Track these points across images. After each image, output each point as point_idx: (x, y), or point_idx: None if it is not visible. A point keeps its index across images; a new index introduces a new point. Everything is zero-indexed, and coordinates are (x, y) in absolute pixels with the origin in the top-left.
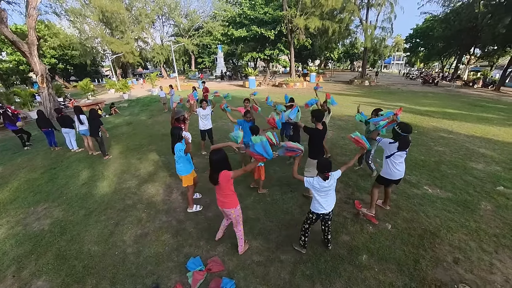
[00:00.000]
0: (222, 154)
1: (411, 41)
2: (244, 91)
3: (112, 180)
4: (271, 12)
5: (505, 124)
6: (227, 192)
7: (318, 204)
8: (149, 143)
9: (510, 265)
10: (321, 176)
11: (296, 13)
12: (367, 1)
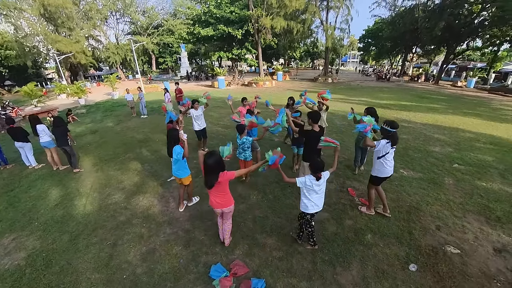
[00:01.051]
0: (217, 156)
1: (364, 41)
2: (214, 92)
3: (93, 197)
4: (237, 11)
5: (448, 112)
6: (226, 192)
7: (310, 202)
8: (125, 151)
9: (476, 224)
10: (313, 175)
11: (262, 13)
12: (326, 4)
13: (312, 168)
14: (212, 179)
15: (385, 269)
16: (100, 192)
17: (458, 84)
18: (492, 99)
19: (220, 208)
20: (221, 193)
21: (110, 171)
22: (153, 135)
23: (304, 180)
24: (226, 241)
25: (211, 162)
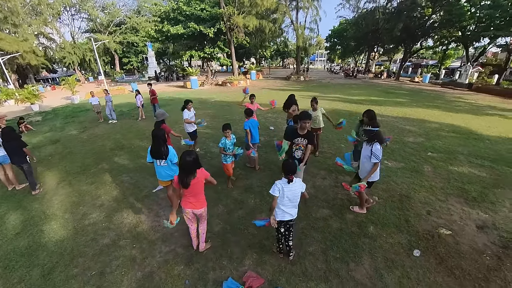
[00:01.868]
0: (194, 154)
1: (330, 40)
2: (187, 92)
3: (64, 219)
4: (208, 9)
5: (413, 106)
6: (201, 191)
7: (281, 210)
8: (96, 162)
9: (458, 206)
10: (285, 177)
11: (234, 11)
12: (296, 4)
13: (284, 169)
14: (190, 177)
15: (393, 258)
16: (73, 213)
17: (416, 79)
18: (445, 92)
19: (192, 208)
20: (196, 193)
21: (81, 186)
22: (128, 141)
23: (280, 187)
24: (201, 245)
25: (190, 160)
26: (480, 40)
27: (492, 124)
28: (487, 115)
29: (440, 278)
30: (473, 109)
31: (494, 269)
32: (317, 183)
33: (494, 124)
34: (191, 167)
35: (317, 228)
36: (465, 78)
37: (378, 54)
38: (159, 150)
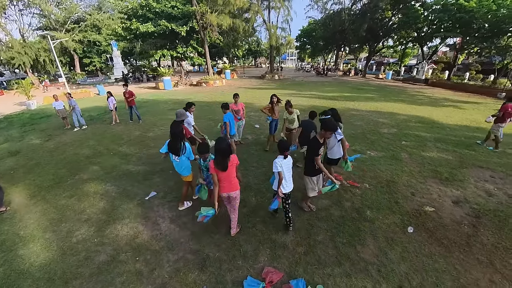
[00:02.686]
0: (227, 141)
1: (300, 40)
2: (161, 94)
3: (45, 239)
4: (179, 6)
5: (382, 100)
6: (234, 174)
7: (285, 182)
8: (72, 172)
9: (435, 186)
10: (281, 154)
11: (207, 9)
12: (267, 4)
13: (279, 147)
14: (226, 161)
15: (392, 237)
16: (55, 231)
17: (380, 76)
18: (406, 87)
19: (229, 191)
20: (231, 177)
21: (59, 201)
22: (105, 148)
23: (280, 163)
24: (233, 230)
25: (224, 146)
26: (432, 40)
27: (449, 114)
28: (444, 106)
29: (433, 249)
30: (432, 102)
31: (473, 235)
32: None
33: (450, 114)
34: (227, 151)
35: (321, 218)
36: (422, 74)
37: (345, 53)
38: (175, 146)
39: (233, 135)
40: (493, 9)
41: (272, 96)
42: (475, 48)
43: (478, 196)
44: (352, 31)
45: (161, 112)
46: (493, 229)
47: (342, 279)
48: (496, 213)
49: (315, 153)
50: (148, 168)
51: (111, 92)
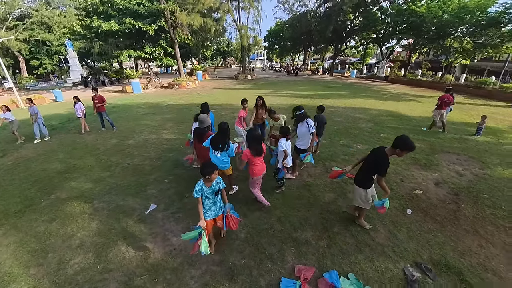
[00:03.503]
0: (257, 130)
1: (268, 40)
2: (131, 97)
3: (32, 276)
4: (146, 3)
5: (353, 97)
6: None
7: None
8: (45, 192)
9: (418, 172)
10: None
11: (177, 8)
12: (237, 4)
13: (283, 133)
14: (262, 147)
15: (396, 220)
16: (41, 264)
17: (345, 75)
18: (370, 84)
19: (263, 172)
20: (262, 160)
21: (37, 227)
22: (80, 160)
23: (285, 144)
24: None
25: (257, 133)
26: (389, 41)
27: (412, 107)
28: (406, 100)
29: (431, 226)
30: (395, 97)
31: (457, 210)
32: (311, 172)
33: (412, 107)
34: (260, 139)
35: (332, 211)
36: (382, 72)
37: (312, 53)
38: (221, 142)
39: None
40: (439, 15)
41: (258, 98)
42: (425, 48)
43: (452, 177)
44: (318, 32)
45: (136, 118)
46: (471, 203)
47: (367, 264)
48: (470, 190)
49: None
50: (139, 179)
51: (79, 97)
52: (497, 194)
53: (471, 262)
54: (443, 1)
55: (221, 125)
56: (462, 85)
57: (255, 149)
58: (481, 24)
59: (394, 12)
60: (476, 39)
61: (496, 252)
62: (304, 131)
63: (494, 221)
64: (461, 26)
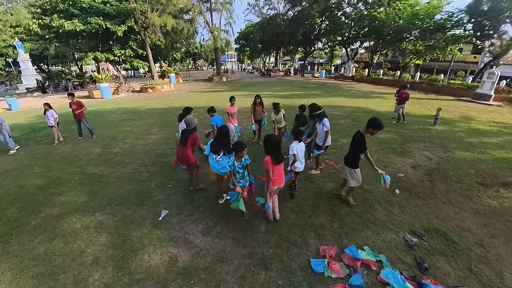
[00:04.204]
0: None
1: (238, 42)
2: (101, 103)
3: None
4: (114, 3)
5: (327, 96)
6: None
7: (299, 163)
8: (29, 211)
9: (396, 159)
10: (296, 140)
11: (147, 8)
12: (209, 6)
13: (295, 134)
14: (282, 154)
15: (389, 199)
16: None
17: (315, 75)
18: (339, 83)
19: (281, 183)
20: (282, 169)
21: (34, 249)
22: (61, 173)
23: (296, 148)
24: (278, 214)
25: (275, 139)
26: (354, 44)
27: (379, 104)
28: (373, 98)
29: (416, 201)
30: (364, 94)
31: (433, 187)
32: (309, 166)
33: (380, 103)
34: (279, 143)
35: (335, 197)
36: (349, 72)
37: (282, 54)
38: (223, 146)
39: None
40: (396, 20)
41: (256, 97)
42: (384, 50)
43: (424, 160)
44: (288, 35)
45: (114, 124)
46: (442, 180)
47: (375, 237)
48: (439, 170)
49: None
50: (138, 187)
51: (50, 104)
52: (460, 171)
53: (451, 225)
54: (398, 9)
55: (222, 129)
56: (417, 83)
57: (275, 156)
58: (430, 29)
59: (357, 17)
60: (426, 42)
61: (467, 215)
62: (321, 128)
63: (461, 193)
64: (414, 31)
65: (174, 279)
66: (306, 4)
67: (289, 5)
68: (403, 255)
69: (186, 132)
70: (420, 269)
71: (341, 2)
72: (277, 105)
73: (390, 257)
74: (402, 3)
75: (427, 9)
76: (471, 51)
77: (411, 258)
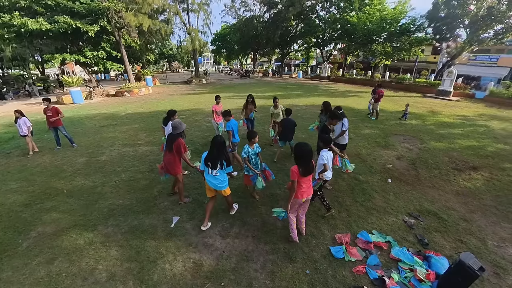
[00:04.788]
0: (309, 145)
1: (215, 43)
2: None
3: None
4: (84, 1)
5: (308, 95)
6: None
7: (329, 171)
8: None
9: (382, 151)
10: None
11: (122, 7)
12: (186, 6)
13: (325, 142)
14: (312, 165)
15: (384, 188)
16: None
17: (293, 76)
18: (317, 84)
19: (308, 195)
20: (310, 181)
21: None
22: (44, 187)
23: (327, 156)
24: (304, 230)
25: (308, 149)
26: (328, 45)
27: (357, 102)
28: (350, 96)
29: (406, 187)
30: (341, 94)
31: (418, 174)
32: None
33: (357, 102)
34: (311, 156)
35: (337, 189)
36: (325, 72)
37: (259, 56)
38: (218, 159)
39: (236, 143)
40: (367, 24)
41: (249, 96)
42: (356, 51)
43: (406, 151)
44: (265, 36)
45: (94, 131)
46: (424, 168)
47: (380, 222)
48: (420, 159)
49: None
50: (140, 195)
51: (22, 111)
52: (437, 159)
53: (439, 205)
54: (368, 13)
55: (215, 140)
56: (387, 82)
57: (304, 168)
58: (396, 32)
59: (330, 20)
60: (393, 44)
61: (449, 196)
62: (340, 127)
63: (441, 177)
64: (383, 34)
65: (203, 283)
66: (282, 7)
67: (265, 7)
68: (406, 235)
69: (172, 137)
70: (422, 244)
71: (315, 6)
72: (274, 99)
73: (395, 237)
74: (371, 8)
75: (394, 14)
76: (431, 52)
77: (412, 237)
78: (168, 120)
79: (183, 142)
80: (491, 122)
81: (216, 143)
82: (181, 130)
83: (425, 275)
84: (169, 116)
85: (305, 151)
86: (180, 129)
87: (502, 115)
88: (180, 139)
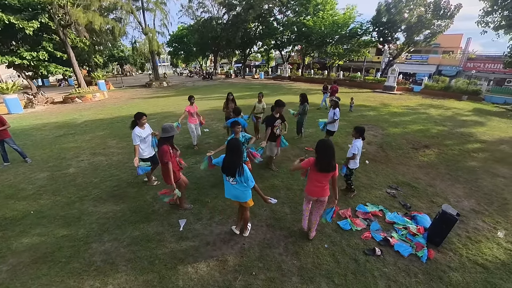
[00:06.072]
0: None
1: (171, 45)
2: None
3: None
4: None
5: (275, 94)
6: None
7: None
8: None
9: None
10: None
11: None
12: (141, 5)
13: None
14: (334, 163)
15: (365, 169)
16: None
17: (255, 76)
18: (280, 83)
19: (321, 196)
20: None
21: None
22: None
23: (360, 146)
24: (312, 233)
25: (331, 145)
26: (287, 47)
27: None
28: (313, 94)
29: (381, 166)
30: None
31: (387, 155)
32: (295, 153)
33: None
34: (334, 155)
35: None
36: (286, 73)
37: (220, 57)
38: (233, 165)
39: None
40: (321, 27)
41: (229, 94)
42: (312, 53)
43: (373, 137)
44: (225, 38)
45: (49, 142)
46: (390, 149)
47: (370, 196)
48: (385, 142)
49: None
50: (133, 204)
51: None
52: (398, 142)
53: (409, 177)
54: (322, 17)
55: (230, 143)
56: (342, 80)
57: (321, 163)
58: (347, 35)
59: (288, 23)
60: (344, 46)
61: (414, 169)
62: (332, 116)
63: (405, 156)
64: (335, 36)
65: (235, 277)
66: (241, 9)
67: (224, 9)
68: (392, 203)
69: (159, 142)
70: (406, 208)
71: (272, 9)
72: (259, 94)
73: (385, 206)
74: (325, 13)
75: (344, 19)
76: (375, 53)
77: (397, 203)
78: (135, 124)
79: (167, 149)
80: (429, 110)
81: (231, 146)
82: (170, 134)
83: (417, 230)
84: (136, 120)
85: (328, 147)
86: (169, 133)
87: (436, 104)
88: (165, 146)
